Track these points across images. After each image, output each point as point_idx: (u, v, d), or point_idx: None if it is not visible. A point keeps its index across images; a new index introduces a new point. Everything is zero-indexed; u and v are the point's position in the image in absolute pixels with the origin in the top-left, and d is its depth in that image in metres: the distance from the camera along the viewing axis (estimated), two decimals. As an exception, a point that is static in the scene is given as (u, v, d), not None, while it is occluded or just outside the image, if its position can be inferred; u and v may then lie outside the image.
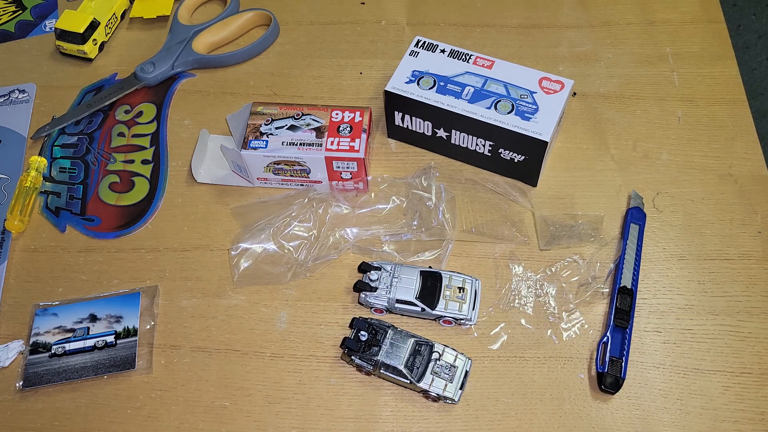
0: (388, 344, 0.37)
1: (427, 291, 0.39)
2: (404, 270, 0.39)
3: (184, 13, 0.56)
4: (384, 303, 0.39)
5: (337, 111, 0.45)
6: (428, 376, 0.36)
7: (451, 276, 0.39)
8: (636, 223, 0.43)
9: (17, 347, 0.41)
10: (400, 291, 0.39)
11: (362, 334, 0.37)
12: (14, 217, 0.46)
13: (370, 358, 0.37)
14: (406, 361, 0.36)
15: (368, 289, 0.39)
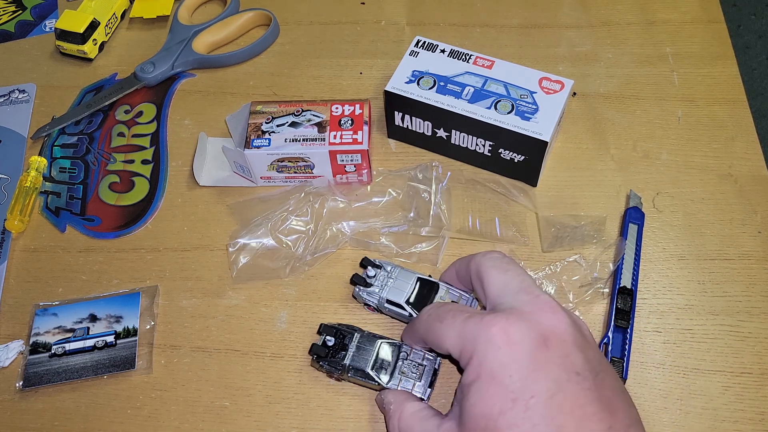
0: (355, 347, 0.36)
1: (419, 297, 0.38)
2: (403, 273, 0.39)
3: (184, 13, 0.56)
4: (374, 300, 0.38)
5: (337, 105, 0.45)
6: (396, 377, 0.35)
7: (448, 290, 0.38)
8: (634, 223, 0.43)
9: (17, 347, 0.41)
10: (393, 292, 0.38)
11: (329, 340, 0.36)
12: (14, 217, 0.46)
13: (338, 363, 0.36)
14: (373, 363, 0.36)
15: (363, 283, 0.39)
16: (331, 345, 0.36)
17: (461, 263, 0.36)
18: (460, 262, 0.36)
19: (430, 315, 0.32)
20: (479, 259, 0.33)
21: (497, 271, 0.32)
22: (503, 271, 0.31)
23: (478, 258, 0.33)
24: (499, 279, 0.31)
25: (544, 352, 0.27)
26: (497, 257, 0.33)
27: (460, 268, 0.35)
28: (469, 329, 0.29)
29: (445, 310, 0.31)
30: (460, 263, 0.36)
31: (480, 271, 0.32)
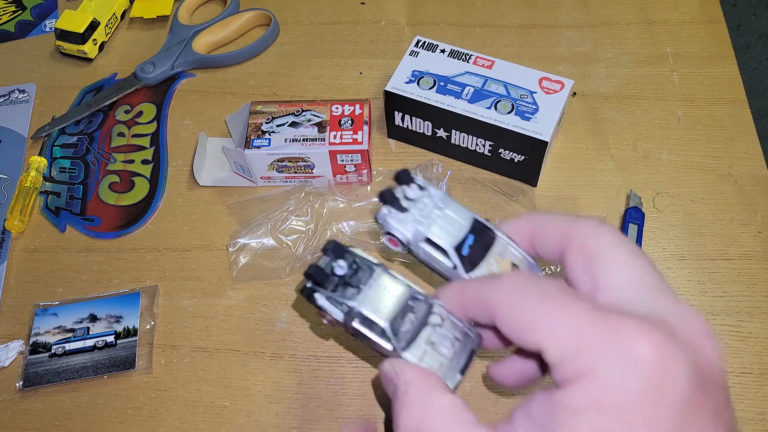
0: (371, 289, 0.24)
1: (471, 246, 0.25)
2: (453, 206, 0.26)
3: (184, 13, 0.56)
4: (407, 234, 0.26)
5: (337, 105, 0.45)
6: (419, 346, 0.23)
7: (508, 246, 0.25)
8: (634, 223, 0.43)
9: (17, 347, 0.41)
10: (437, 230, 0.25)
11: (339, 265, 0.24)
12: (14, 217, 0.46)
13: (343, 302, 0.24)
14: (391, 317, 0.23)
15: (395, 205, 0.26)
16: (340, 275, 0.25)
17: (545, 221, 0.24)
18: (544, 220, 0.24)
19: (525, 287, 0.21)
20: (589, 229, 0.22)
21: (624, 254, 0.21)
22: (633, 255, 0.21)
23: (587, 227, 0.22)
24: (627, 267, 0.21)
25: (700, 399, 0.18)
26: (619, 234, 0.22)
27: (544, 228, 0.23)
28: (598, 331, 0.18)
29: (551, 286, 0.20)
30: (544, 221, 0.24)
31: (590, 247, 0.21)
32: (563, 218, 0.23)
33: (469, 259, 0.25)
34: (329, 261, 0.25)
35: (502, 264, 0.25)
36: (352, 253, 0.25)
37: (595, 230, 0.22)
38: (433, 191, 0.26)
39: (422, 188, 0.26)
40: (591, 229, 0.22)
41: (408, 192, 0.26)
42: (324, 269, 0.25)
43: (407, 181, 0.26)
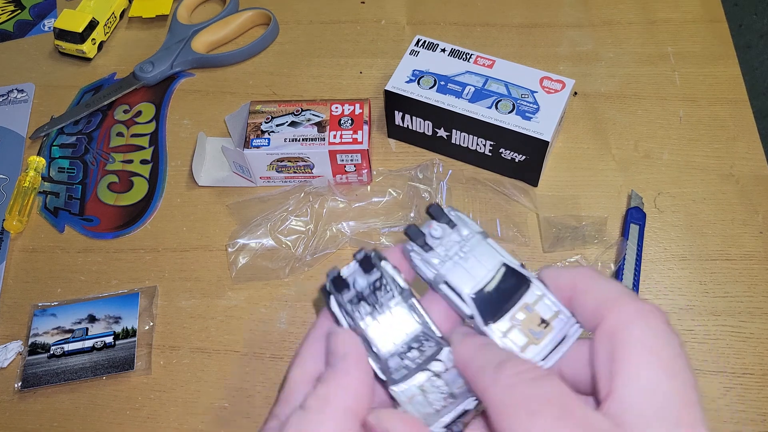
0: (384, 315, 0.23)
1: (494, 295, 0.23)
2: (483, 247, 0.24)
3: (183, 12, 0.56)
4: (429, 274, 0.24)
5: (337, 105, 0.45)
6: (409, 388, 0.22)
7: (543, 297, 0.22)
8: (636, 223, 0.42)
9: (16, 348, 0.41)
10: (458, 273, 0.23)
11: (360, 281, 0.23)
12: (13, 217, 0.46)
13: (352, 317, 0.23)
14: (391, 350, 0.22)
15: (419, 242, 0.24)
16: (358, 290, 0.23)
17: (589, 284, 0.20)
18: (589, 281, 0.21)
19: (522, 391, 0.18)
20: (629, 315, 0.18)
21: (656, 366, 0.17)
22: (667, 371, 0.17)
23: (628, 312, 0.18)
24: (654, 384, 0.17)
25: None
26: (664, 335, 0.18)
27: (586, 292, 0.20)
28: None
29: (550, 395, 0.17)
30: (589, 283, 0.21)
31: (621, 339, 0.18)
32: (609, 288, 0.20)
33: (491, 309, 0.22)
34: (353, 271, 0.24)
35: (529, 319, 0.22)
36: (382, 269, 0.23)
37: (633, 320, 0.18)
38: (464, 228, 0.24)
39: (452, 224, 0.24)
40: (630, 316, 0.18)
41: (433, 231, 0.24)
42: (345, 278, 0.24)
43: (437, 217, 0.24)
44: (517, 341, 0.22)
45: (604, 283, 0.20)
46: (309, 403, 0.20)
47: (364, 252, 0.24)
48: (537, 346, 0.21)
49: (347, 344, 0.22)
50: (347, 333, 0.22)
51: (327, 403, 0.20)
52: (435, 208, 0.24)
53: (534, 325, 0.22)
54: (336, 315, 0.23)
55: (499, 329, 0.22)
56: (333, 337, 0.22)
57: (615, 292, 0.19)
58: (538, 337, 0.22)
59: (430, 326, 0.23)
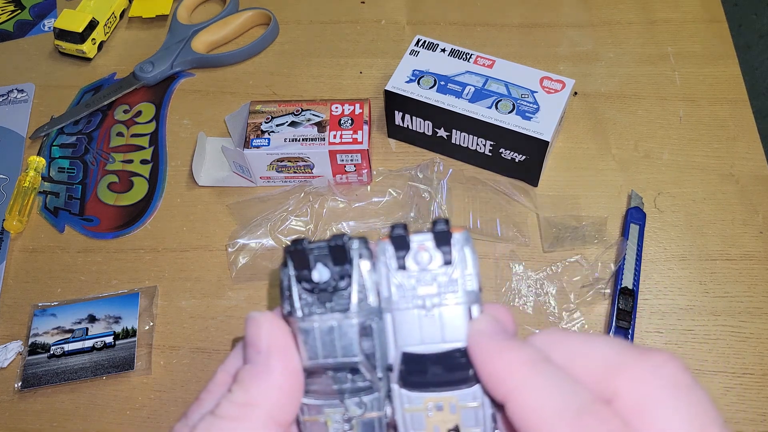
0: (328, 322, 0.18)
1: (429, 368, 0.19)
2: (456, 315, 0.19)
3: (183, 12, 0.56)
4: (383, 291, 0.19)
5: (337, 104, 0.45)
6: (315, 411, 0.19)
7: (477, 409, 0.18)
8: (636, 223, 0.42)
9: (16, 348, 0.41)
10: (410, 321, 0.19)
11: (321, 270, 0.18)
12: (13, 217, 0.46)
13: (291, 302, 0.18)
14: (316, 362, 0.18)
15: (398, 254, 0.19)
16: (315, 280, 0.18)
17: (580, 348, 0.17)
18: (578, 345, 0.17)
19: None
20: (652, 372, 0.15)
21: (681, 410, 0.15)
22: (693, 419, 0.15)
23: (649, 369, 0.15)
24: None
25: None
26: (684, 378, 0.15)
27: (577, 357, 0.16)
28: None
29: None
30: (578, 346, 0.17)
31: (647, 408, 0.15)
32: (608, 345, 0.16)
33: (415, 376, 0.18)
34: (323, 253, 0.19)
35: (444, 418, 0.18)
36: (355, 270, 0.18)
37: (657, 379, 0.15)
38: (458, 274, 0.18)
39: (448, 261, 0.18)
40: (653, 374, 0.15)
41: (420, 255, 0.18)
42: (308, 256, 0.18)
43: (439, 242, 0.18)
44: (416, 426, 0.18)
45: (594, 341, 0.16)
46: (223, 409, 0.17)
47: (341, 240, 0.18)
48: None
49: (271, 335, 0.17)
50: (272, 320, 0.17)
51: (245, 411, 0.16)
52: (443, 232, 0.18)
53: (445, 427, 0.18)
54: (281, 289, 0.19)
55: (408, 401, 0.18)
56: (252, 323, 0.18)
57: (617, 348, 0.16)
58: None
59: (374, 362, 0.18)
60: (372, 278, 0.18)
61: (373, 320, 0.18)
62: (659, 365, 0.15)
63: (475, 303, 0.18)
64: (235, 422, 0.16)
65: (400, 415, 0.18)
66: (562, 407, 0.15)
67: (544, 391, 0.15)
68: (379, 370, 0.19)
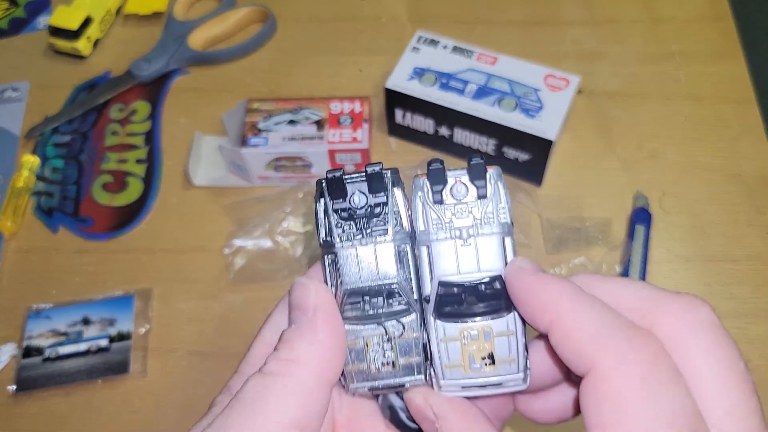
0: (367, 247, 0.19)
1: (465, 297, 0.19)
2: (492, 245, 0.19)
3: (180, 9, 0.55)
4: (420, 224, 0.20)
5: (336, 102, 0.44)
6: (355, 335, 0.19)
7: (512, 335, 0.19)
8: (641, 224, 0.42)
9: (10, 351, 0.40)
10: (447, 250, 0.19)
11: (359, 198, 0.19)
12: (6, 217, 0.45)
13: (331, 231, 0.19)
14: (359, 288, 0.19)
15: (436, 188, 0.20)
16: (353, 205, 0.19)
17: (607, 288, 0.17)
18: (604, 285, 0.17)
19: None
20: (683, 314, 0.16)
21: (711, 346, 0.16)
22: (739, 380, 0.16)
23: (680, 309, 0.16)
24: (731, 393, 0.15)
25: None
26: (714, 319, 0.16)
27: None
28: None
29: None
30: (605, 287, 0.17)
31: (682, 346, 0.16)
32: (643, 286, 0.17)
33: (451, 306, 0.19)
34: (358, 183, 0.20)
35: (479, 347, 0.19)
36: (390, 196, 0.19)
37: (691, 316, 0.16)
38: (492, 207, 0.19)
39: (483, 195, 0.19)
40: (687, 311, 0.16)
41: (456, 188, 0.19)
42: (345, 184, 0.19)
43: (474, 176, 0.19)
44: (452, 356, 0.19)
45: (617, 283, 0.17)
46: (270, 366, 0.17)
47: (377, 169, 0.19)
48: (463, 372, 0.19)
49: (318, 298, 0.18)
50: (318, 285, 0.18)
51: (291, 368, 0.17)
52: (478, 165, 0.19)
53: (479, 355, 0.19)
54: (317, 219, 0.20)
55: (443, 331, 0.19)
56: (299, 287, 0.18)
57: (646, 291, 0.16)
58: (473, 368, 0.19)
59: (411, 285, 0.19)
60: (405, 204, 0.20)
61: (408, 245, 0.19)
62: (693, 305, 0.17)
63: (508, 235, 0.19)
64: (282, 378, 0.17)
65: (436, 345, 0.19)
66: (609, 326, 0.16)
67: (590, 313, 0.16)
68: (414, 291, 0.19)
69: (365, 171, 0.20)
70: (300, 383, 0.17)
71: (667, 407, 0.14)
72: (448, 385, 0.19)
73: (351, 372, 0.19)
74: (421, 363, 0.19)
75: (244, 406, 0.16)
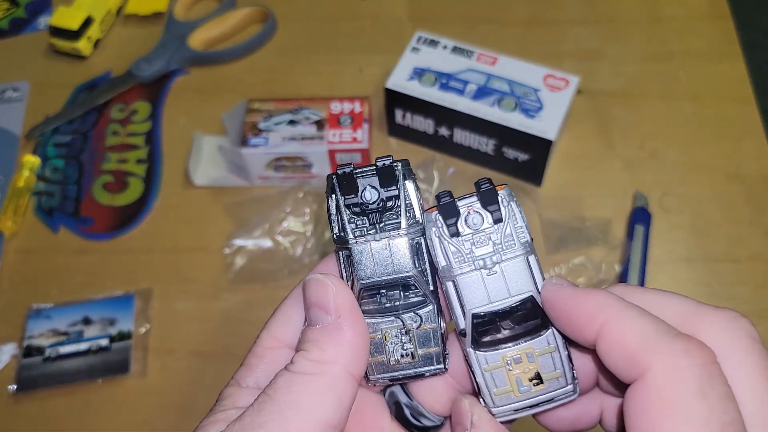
0: (381, 240, 0.19)
1: (501, 323, 0.19)
2: (518, 266, 0.19)
3: (180, 9, 0.55)
4: (441, 260, 0.19)
5: (336, 102, 0.44)
6: (372, 327, 0.19)
7: (554, 351, 0.19)
8: (641, 223, 0.42)
9: (10, 350, 0.40)
10: (473, 282, 0.19)
11: (371, 192, 0.19)
12: (7, 217, 0.45)
13: (344, 225, 0.19)
14: (369, 281, 0.19)
15: (447, 222, 0.19)
16: (365, 200, 0.19)
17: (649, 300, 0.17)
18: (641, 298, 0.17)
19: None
20: (726, 328, 0.16)
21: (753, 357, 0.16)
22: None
23: (722, 323, 0.16)
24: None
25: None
26: (754, 332, 0.16)
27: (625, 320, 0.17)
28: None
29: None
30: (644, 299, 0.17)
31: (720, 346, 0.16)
32: (683, 299, 0.17)
33: (489, 336, 0.19)
34: (369, 177, 0.19)
35: (524, 370, 0.19)
36: (402, 189, 0.19)
37: (734, 329, 0.16)
38: (510, 229, 0.19)
39: (498, 219, 0.19)
40: (729, 323, 0.16)
41: (471, 218, 0.19)
42: (356, 179, 0.19)
43: (486, 202, 0.19)
44: (499, 383, 0.19)
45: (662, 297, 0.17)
46: (301, 366, 0.17)
47: (388, 161, 0.19)
48: (515, 397, 0.19)
49: (338, 296, 0.18)
50: (336, 282, 0.18)
51: (324, 367, 0.17)
52: (488, 191, 0.19)
53: (526, 377, 0.19)
54: (330, 215, 0.19)
55: (486, 361, 0.19)
56: (316, 285, 0.18)
57: (686, 304, 0.17)
58: (522, 391, 0.19)
59: (426, 277, 0.19)
60: (418, 196, 0.19)
61: (421, 237, 0.19)
62: (734, 318, 0.16)
63: (532, 253, 0.19)
64: (316, 377, 0.17)
65: (480, 375, 0.19)
66: (661, 332, 0.16)
67: (640, 320, 0.16)
68: (430, 283, 0.19)
69: (375, 165, 0.19)
70: (333, 383, 0.17)
71: (718, 415, 0.14)
72: (500, 411, 0.19)
73: (371, 364, 0.19)
74: (440, 353, 0.19)
75: (278, 405, 0.17)
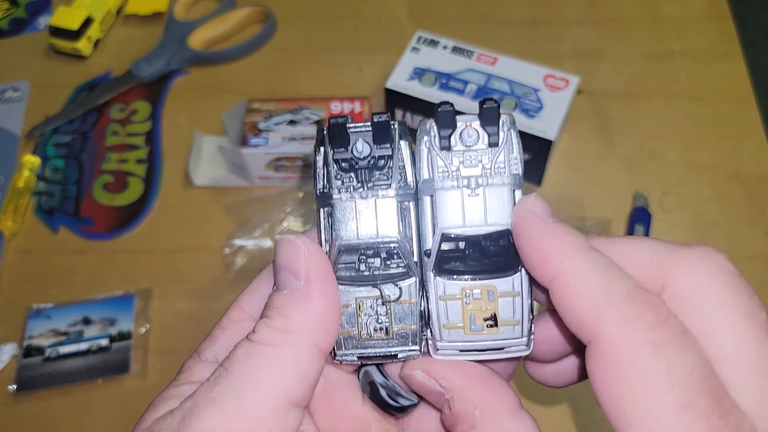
0: (367, 198, 0.18)
1: (469, 252, 0.18)
2: (501, 197, 0.18)
3: (180, 9, 0.55)
4: (424, 172, 0.18)
5: (336, 102, 0.44)
6: (347, 296, 0.18)
7: (517, 296, 0.18)
8: (641, 223, 0.42)
9: (10, 350, 0.40)
10: (452, 201, 0.18)
11: (362, 147, 0.18)
12: (7, 217, 0.45)
13: (330, 180, 0.18)
14: (350, 243, 0.18)
15: (444, 132, 0.18)
16: (355, 155, 0.18)
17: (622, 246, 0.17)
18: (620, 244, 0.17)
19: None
20: (698, 265, 0.15)
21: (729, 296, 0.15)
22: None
23: (694, 260, 0.15)
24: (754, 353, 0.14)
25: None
26: (729, 267, 0.15)
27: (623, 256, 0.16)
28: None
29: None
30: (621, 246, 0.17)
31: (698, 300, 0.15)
32: (654, 242, 0.16)
33: (452, 263, 0.18)
34: (363, 132, 0.18)
35: (482, 307, 0.17)
36: (396, 148, 0.18)
37: (705, 267, 0.15)
38: (504, 157, 0.17)
39: (494, 143, 0.17)
40: (701, 262, 0.15)
41: (467, 133, 0.17)
42: (349, 133, 0.18)
43: (487, 121, 0.17)
44: (452, 316, 0.17)
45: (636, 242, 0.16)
46: (264, 335, 0.15)
47: (385, 120, 0.17)
48: (463, 334, 0.17)
49: (310, 260, 0.16)
50: (309, 244, 0.16)
51: (287, 338, 0.15)
52: (491, 109, 0.17)
53: (481, 316, 0.17)
54: (315, 169, 0.18)
55: (442, 288, 0.17)
56: (287, 246, 0.16)
57: (661, 246, 0.15)
58: (473, 330, 0.17)
59: (412, 246, 0.18)
60: (411, 159, 0.18)
61: (411, 202, 0.18)
62: (706, 255, 0.15)
63: (519, 188, 0.18)
64: (278, 348, 0.15)
65: (435, 303, 0.17)
66: (611, 291, 0.15)
67: (593, 274, 0.15)
68: (415, 254, 0.18)
69: (371, 120, 0.18)
70: (296, 355, 0.15)
71: (678, 371, 0.14)
72: (445, 347, 0.18)
73: (340, 337, 0.18)
74: (416, 332, 0.18)
75: (234, 378, 0.15)
